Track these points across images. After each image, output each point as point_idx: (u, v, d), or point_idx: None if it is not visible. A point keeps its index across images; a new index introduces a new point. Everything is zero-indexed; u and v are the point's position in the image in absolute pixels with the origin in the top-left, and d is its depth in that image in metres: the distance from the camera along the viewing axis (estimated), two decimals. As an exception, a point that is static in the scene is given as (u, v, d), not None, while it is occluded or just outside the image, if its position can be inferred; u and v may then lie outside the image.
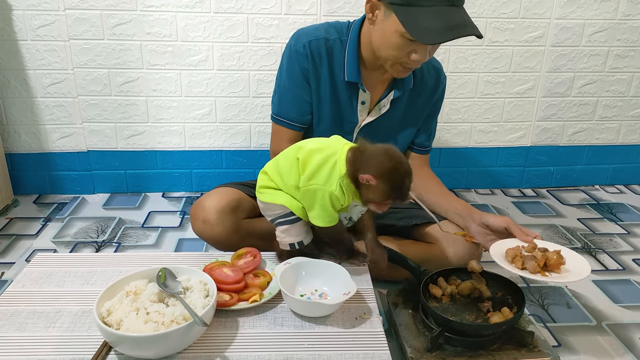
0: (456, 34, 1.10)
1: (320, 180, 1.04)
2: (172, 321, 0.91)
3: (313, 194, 1.06)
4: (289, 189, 1.12)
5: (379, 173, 0.99)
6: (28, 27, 1.79)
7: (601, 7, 1.96)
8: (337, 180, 1.03)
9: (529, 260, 1.06)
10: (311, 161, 1.06)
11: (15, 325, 0.98)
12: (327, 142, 1.10)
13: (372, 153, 1.02)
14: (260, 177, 1.18)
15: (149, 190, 2.06)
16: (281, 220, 1.15)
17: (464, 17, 1.13)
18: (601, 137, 2.18)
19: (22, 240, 1.69)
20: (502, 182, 2.20)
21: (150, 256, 1.26)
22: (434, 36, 1.10)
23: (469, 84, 2.03)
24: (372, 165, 1.00)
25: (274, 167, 1.15)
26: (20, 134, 1.93)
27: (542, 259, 1.06)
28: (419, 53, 1.16)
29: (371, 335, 0.99)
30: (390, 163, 1.00)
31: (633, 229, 1.85)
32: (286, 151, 1.15)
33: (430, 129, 1.48)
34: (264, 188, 1.16)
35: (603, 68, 2.06)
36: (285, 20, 1.86)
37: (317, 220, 1.08)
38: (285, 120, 1.37)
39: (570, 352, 1.22)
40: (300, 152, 1.08)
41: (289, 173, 1.10)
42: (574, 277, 1.06)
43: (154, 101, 1.93)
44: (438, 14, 1.10)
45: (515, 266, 1.07)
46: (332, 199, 1.05)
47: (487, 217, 1.25)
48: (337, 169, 1.03)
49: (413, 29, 1.10)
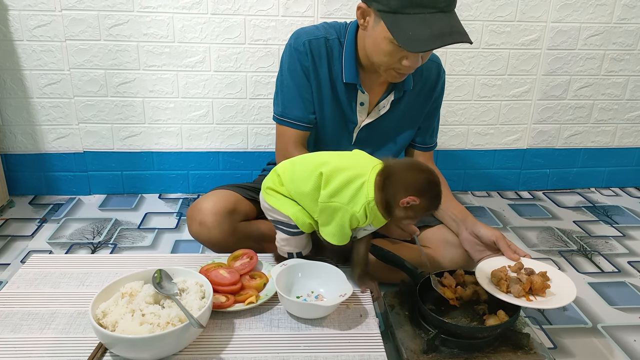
0: (443, 41, 1.08)
1: (343, 199, 1.03)
2: (167, 323, 0.91)
3: (333, 211, 1.04)
4: (300, 195, 1.10)
5: (418, 191, 1.00)
6: (24, 28, 1.79)
7: (597, 10, 1.97)
8: (362, 203, 1.02)
9: (514, 284, 1.05)
10: (336, 178, 1.04)
11: (10, 327, 0.98)
12: (353, 160, 1.09)
13: (402, 174, 1.02)
14: (271, 177, 1.15)
15: (145, 192, 2.05)
16: (284, 229, 1.14)
17: (452, 24, 1.10)
18: (597, 140, 2.19)
19: (17, 242, 1.68)
20: (498, 184, 2.20)
21: (146, 258, 1.26)
22: (419, 44, 1.08)
23: (465, 86, 2.03)
24: (409, 186, 1.01)
25: (288, 171, 1.12)
26: (16, 134, 1.93)
27: (527, 283, 1.05)
28: (410, 59, 1.15)
29: (367, 337, 0.99)
30: (423, 177, 1.02)
31: (628, 231, 1.86)
32: (306, 159, 1.13)
33: (432, 126, 1.47)
34: (272, 190, 1.14)
35: (599, 71, 2.07)
36: (282, 22, 1.86)
37: (331, 237, 1.07)
38: (290, 121, 1.34)
39: (566, 354, 1.22)
40: (325, 167, 1.06)
41: (305, 181, 1.08)
42: (558, 302, 1.05)
43: (151, 102, 1.93)
44: (425, 21, 1.08)
45: (500, 289, 1.06)
46: (352, 219, 1.04)
47: (479, 227, 1.24)
48: (364, 191, 1.02)
49: (400, 36, 1.09)
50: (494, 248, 1.20)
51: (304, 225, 1.11)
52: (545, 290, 1.06)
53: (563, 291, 1.07)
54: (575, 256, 1.68)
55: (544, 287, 1.06)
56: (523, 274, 1.08)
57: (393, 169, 1.04)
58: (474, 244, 1.25)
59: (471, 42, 1.10)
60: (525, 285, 1.05)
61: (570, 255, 1.68)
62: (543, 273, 1.09)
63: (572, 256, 1.67)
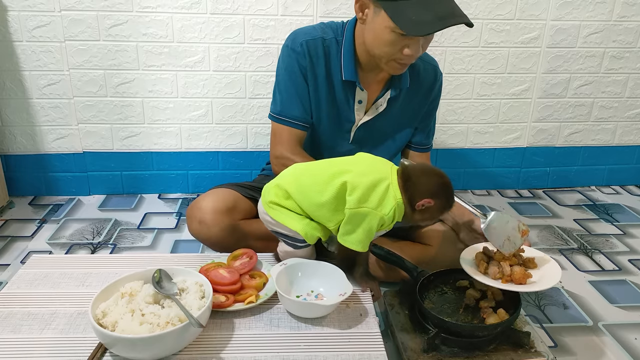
0: (446, 23, 1.09)
1: (372, 204, 1.03)
2: (167, 322, 0.90)
3: (362, 217, 1.04)
4: (314, 206, 1.08)
5: (433, 194, 1.04)
6: (23, 28, 1.79)
7: (596, 8, 1.97)
8: (391, 205, 1.03)
9: (492, 266, 1.08)
10: (361, 184, 1.04)
11: (10, 327, 0.97)
12: (368, 164, 1.10)
13: (418, 177, 1.05)
14: (274, 191, 1.12)
15: (145, 192, 2.05)
16: (289, 242, 1.14)
17: (453, 6, 1.12)
18: (597, 138, 2.19)
19: (17, 242, 1.68)
20: (498, 183, 2.20)
21: (146, 257, 1.26)
22: (424, 28, 1.09)
23: (465, 85, 2.03)
24: (425, 189, 1.04)
25: (295, 183, 1.10)
26: (16, 135, 1.93)
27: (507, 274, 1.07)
28: (411, 47, 1.16)
29: (367, 336, 0.99)
30: (438, 180, 1.06)
31: (629, 229, 1.86)
32: (314, 169, 1.12)
33: (429, 127, 1.47)
34: (276, 205, 1.12)
35: (599, 69, 2.07)
36: (281, 21, 1.85)
37: (356, 244, 1.06)
38: (288, 120, 1.33)
39: (567, 352, 1.22)
40: (347, 175, 1.05)
41: (320, 192, 1.06)
42: (533, 287, 1.07)
43: (150, 102, 1.93)
44: (426, 5, 1.09)
45: (479, 269, 1.09)
46: (379, 223, 1.04)
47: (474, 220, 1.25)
48: (391, 193, 1.03)
49: (403, 22, 1.10)
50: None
51: (312, 238, 1.10)
52: (526, 280, 1.07)
53: (544, 279, 1.08)
54: (575, 254, 1.67)
55: (525, 277, 1.07)
56: (507, 263, 1.09)
57: (409, 172, 1.06)
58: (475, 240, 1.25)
59: (472, 24, 1.12)
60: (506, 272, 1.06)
61: (570, 254, 1.67)
62: (531, 259, 1.11)
63: (572, 254, 1.67)
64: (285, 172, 1.16)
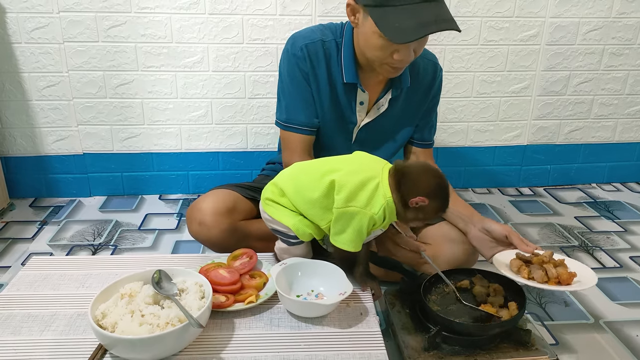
0: (428, 30, 1.08)
1: (360, 203, 1.02)
2: (167, 323, 0.90)
3: (350, 216, 1.03)
4: (307, 204, 1.08)
5: (428, 193, 1.01)
6: (22, 30, 1.79)
7: (596, 5, 1.97)
8: (380, 204, 1.02)
9: (536, 270, 1.06)
10: (349, 183, 1.03)
11: (10, 329, 0.97)
12: (360, 163, 1.09)
13: (415, 175, 1.03)
14: (270, 188, 1.14)
15: (145, 193, 2.05)
16: (284, 239, 1.14)
17: (438, 13, 1.10)
18: (597, 136, 2.19)
19: (18, 244, 1.68)
20: (499, 181, 2.20)
21: (146, 258, 1.25)
22: (406, 35, 1.08)
23: (464, 83, 2.03)
24: (420, 187, 1.02)
25: (291, 182, 1.11)
26: (16, 137, 1.93)
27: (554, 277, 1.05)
28: (401, 53, 1.15)
29: (368, 335, 0.99)
30: (435, 181, 1.03)
31: (630, 226, 1.85)
32: (308, 167, 1.12)
33: (430, 122, 1.47)
34: (271, 201, 1.13)
35: (598, 66, 2.07)
36: (280, 21, 1.85)
37: (347, 244, 1.05)
38: (295, 126, 1.33)
39: (568, 350, 1.22)
40: (335, 174, 1.05)
41: (312, 189, 1.06)
42: (584, 284, 1.05)
43: (150, 103, 1.92)
44: (411, 11, 1.08)
45: (522, 276, 1.07)
46: (370, 222, 1.03)
47: (489, 223, 1.23)
48: (381, 192, 1.02)
49: (386, 29, 1.09)
50: (505, 242, 1.19)
51: (304, 235, 1.10)
52: (572, 279, 1.06)
53: (583, 276, 1.07)
54: (576, 252, 1.67)
55: (571, 277, 1.05)
56: (551, 267, 1.08)
57: (404, 170, 1.04)
58: (484, 241, 1.23)
59: (459, 30, 1.09)
60: (553, 275, 1.05)
61: (571, 251, 1.67)
62: (560, 260, 1.10)
63: (573, 252, 1.67)
64: (284, 171, 1.16)
